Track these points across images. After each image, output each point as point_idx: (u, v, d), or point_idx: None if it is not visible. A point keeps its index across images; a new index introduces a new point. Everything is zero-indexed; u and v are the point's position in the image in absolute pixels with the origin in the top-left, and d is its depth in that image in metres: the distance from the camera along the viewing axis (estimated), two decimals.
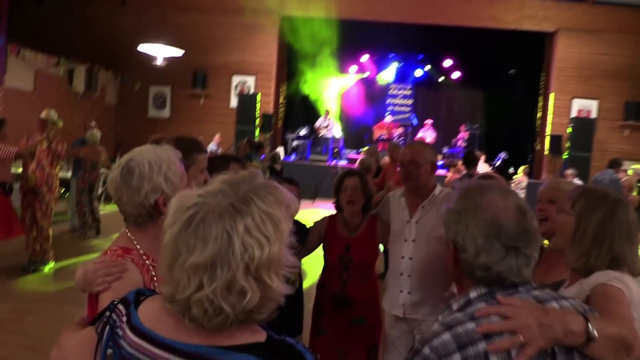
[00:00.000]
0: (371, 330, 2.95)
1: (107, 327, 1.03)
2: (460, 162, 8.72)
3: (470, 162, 6.59)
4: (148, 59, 13.57)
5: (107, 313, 1.05)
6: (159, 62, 13.48)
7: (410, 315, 2.77)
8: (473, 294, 1.21)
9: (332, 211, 3.14)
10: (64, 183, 9.64)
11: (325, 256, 3.05)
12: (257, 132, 14.37)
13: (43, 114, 6.18)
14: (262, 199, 0.97)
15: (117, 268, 1.42)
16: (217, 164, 2.52)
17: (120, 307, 1.05)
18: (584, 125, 13.28)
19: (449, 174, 9.42)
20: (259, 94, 14.79)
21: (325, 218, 3.16)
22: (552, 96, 14.49)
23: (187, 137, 2.22)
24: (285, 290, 0.98)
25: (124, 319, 1.02)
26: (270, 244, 0.94)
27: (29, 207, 6.08)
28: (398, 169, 3.03)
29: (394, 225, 2.92)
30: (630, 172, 8.99)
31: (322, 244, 3.09)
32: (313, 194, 13.55)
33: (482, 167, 10.39)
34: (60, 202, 9.98)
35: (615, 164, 9.06)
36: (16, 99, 11.24)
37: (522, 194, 11.23)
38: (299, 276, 3.02)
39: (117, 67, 15.22)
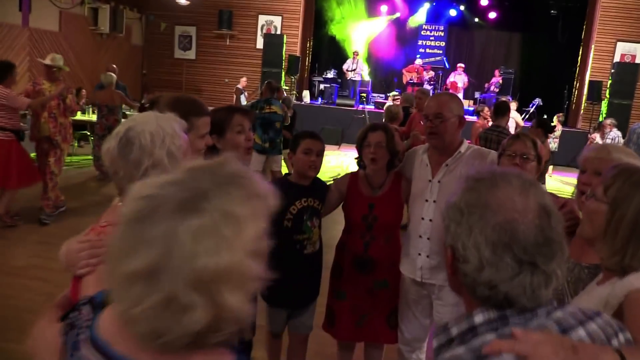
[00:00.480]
0: (393, 294, 2.83)
1: (73, 331, 0.90)
2: (486, 109, 8.31)
3: (499, 112, 6.20)
4: None
5: (74, 313, 0.93)
6: (183, 0, 13.12)
7: (428, 280, 2.65)
8: (479, 318, 0.93)
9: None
10: (91, 126, 9.66)
11: (346, 216, 2.90)
12: (283, 74, 14.08)
13: (48, 60, 5.98)
14: (225, 193, 0.78)
15: (104, 249, 1.29)
16: (221, 116, 2.34)
17: (86, 309, 0.92)
18: (627, 71, 12.59)
19: (479, 122, 9.07)
20: (285, 35, 14.38)
21: (346, 175, 2.99)
22: (594, 39, 13.69)
23: (185, 98, 2.02)
24: (249, 310, 0.80)
25: (86, 324, 0.89)
26: (227, 252, 0.75)
27: (45, 156, 6.07)
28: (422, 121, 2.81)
29: (415, 184, 2.75)
30: None
31: (342, 204, 2.94)
32: (339, 139, 13.35)
33: (514, 115, 9.96)
34: (88, 147, 10.05)
35: None
36: (42, 40, 11.15)
37: (555, 143, 10.82)
38: (319, 237, 2.88)
39: (141, 6, 14.92)
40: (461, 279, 0.96)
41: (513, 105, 10.98)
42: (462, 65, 15.27)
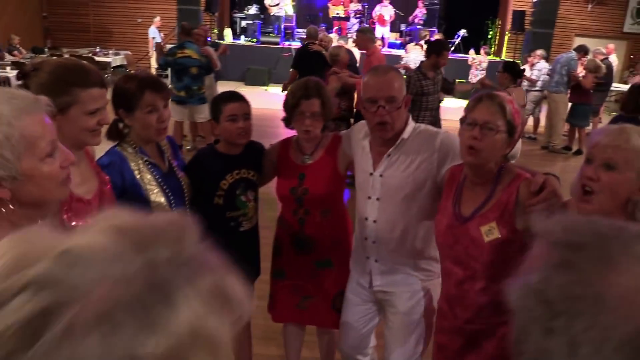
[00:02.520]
0: (338, 274, 2.55)
1: None
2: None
3: (431, 50, 5.64)
4: None
5: None
6: None
7: (378, 287, 2.35)
8: None
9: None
10: None
11: (276, 188, 2.60)
12: (201, 12, 13.16)
13: None
14: (195, 290, 0.48)
15: None
16: (130, 90, 2.00)
17: None
18: (548, 0, 12.68)
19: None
20: None
21: (278, 143, 2.66)
22: None
23: (71, 64, 1.67)
24: None
25: None
26: None
27: None
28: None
29: (357, 176, 2.38)
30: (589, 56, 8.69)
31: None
32: (265, 79, 12.81)
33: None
34: None
35: (579, 49, 8.86)
36: None
37: (481, 75, 10.83)
38: (256, 211, 2.57)
39: None
40: None
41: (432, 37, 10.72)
42: None
